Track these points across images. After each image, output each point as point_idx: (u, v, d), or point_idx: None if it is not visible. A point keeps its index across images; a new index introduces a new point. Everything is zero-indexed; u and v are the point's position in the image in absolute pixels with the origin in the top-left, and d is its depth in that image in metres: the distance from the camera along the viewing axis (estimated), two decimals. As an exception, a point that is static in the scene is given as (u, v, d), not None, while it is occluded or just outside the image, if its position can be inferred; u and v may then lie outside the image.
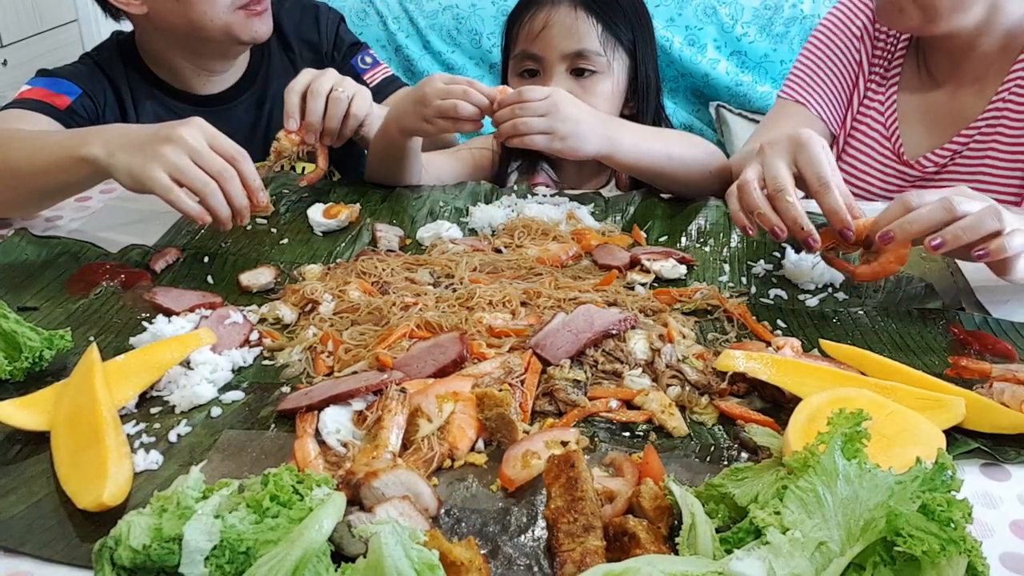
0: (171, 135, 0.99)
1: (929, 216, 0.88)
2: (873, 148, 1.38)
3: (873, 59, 1.40)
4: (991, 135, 1.28)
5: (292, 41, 1.57)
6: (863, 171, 1.40)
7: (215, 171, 1.00)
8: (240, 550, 0.54)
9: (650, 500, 0.62)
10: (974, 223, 0.87)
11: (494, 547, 0.62)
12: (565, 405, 0.77)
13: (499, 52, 2.05)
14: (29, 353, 0.81)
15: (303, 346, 0.88)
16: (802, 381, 0.76)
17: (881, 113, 1.38)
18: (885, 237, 0.90)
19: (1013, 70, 1.25)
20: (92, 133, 1.06)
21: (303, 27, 1.58)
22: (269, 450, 0.73)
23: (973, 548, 0.51)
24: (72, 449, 0.70)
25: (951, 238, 0.87)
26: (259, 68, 1.54)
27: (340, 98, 1.22)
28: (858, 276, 0.97)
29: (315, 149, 1.25)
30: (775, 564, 0.52)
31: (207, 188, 0.99)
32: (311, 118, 1.21)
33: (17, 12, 2.48)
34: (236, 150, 1.03)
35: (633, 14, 1.38)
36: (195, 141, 1.00)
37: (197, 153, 0.99)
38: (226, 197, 1.01)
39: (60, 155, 1.06)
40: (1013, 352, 0.87)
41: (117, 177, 1.02)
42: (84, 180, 1.09)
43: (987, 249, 0.87)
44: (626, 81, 1.39)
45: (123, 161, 1.00)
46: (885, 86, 1.38)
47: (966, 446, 0.72)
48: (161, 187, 0.98)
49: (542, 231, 1.14)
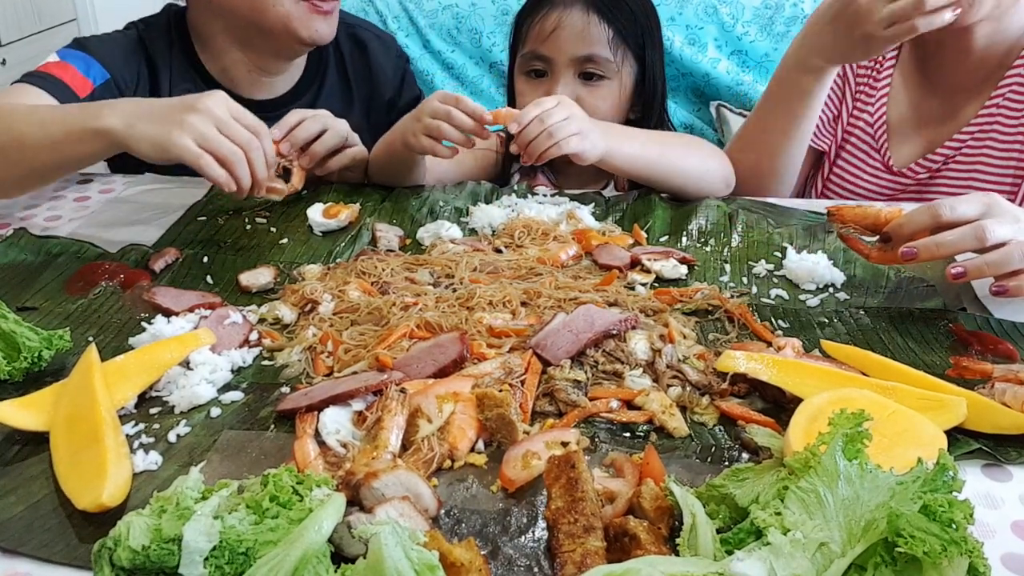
0: (195, 105, 1.02)
1: (958, 243, 0.88)
2: (863, 160, 1.39)
3: (859, 73, 1.40)
4: (984, 139, 1.28)
5: (351, 71, 1.52)
6: (854, 183, 1.40)
7: (242, 142, 1.03)
8: (240, 551, 0.53)
9: (651, 501, 0.61)
10: (1000, 260, 0.87)
11: (494, 548, 0.62)
12: (565, 405, 0.77)
13: (499, 52, 2.05)
14: (28, 353, 0.81)
15: (303, 346, 0.88)
16: (803, 381, 0.76)
17: (870, 124, 1.38)
18: (908, 254, 0.90)
19: (1009, 75, 1.25)
20: (106, 106, 1.06)
21: (374, 60, 1.53)
22: (269, 451, 0.73)
23: (974, 549, 0.51)
24: (71, 449, 0.70)
25: (974, 270, 0.88)
26: (310, 86, 1.49)
27: (339, 132, 1.25)
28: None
29: (291, 165, 1.25)
30: (776, 565, 0.52)
31: (234, 157, 1.02)
32: (298, 134, 1.21)
33: (16, 11, 2.48)
34: (258, 124, 1.06)
35: (644, 20, 1.37)
36: (221, 112, 1.02)
37: (223, 123, 1.02)
38: (249, 167, 1.04)
39: (73, 127, 1.06)
40: (1015, 352, 0.86)
41: (137, 147, 1.02)
42: (95, 154, 1.08)
43: (1006, 287, 0.88)
44: (632, 87, 1.38)
45: (145, 131, 1.01)
46: (874, 97, 1.38)
47: (967, 447, 0.72)
48: (191, 154, 1.00)
49: (542, 231, 1.13)
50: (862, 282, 1.02)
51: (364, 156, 1.32)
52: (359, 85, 1.54)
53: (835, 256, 1.06)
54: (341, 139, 1.26)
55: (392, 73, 1.57)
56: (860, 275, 1.04)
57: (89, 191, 1.33)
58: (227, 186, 1.03)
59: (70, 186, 1.35)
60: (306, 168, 1.26)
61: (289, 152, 1.22)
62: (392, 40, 1.64)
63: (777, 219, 1.19)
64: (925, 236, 0.90)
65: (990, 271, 0.88)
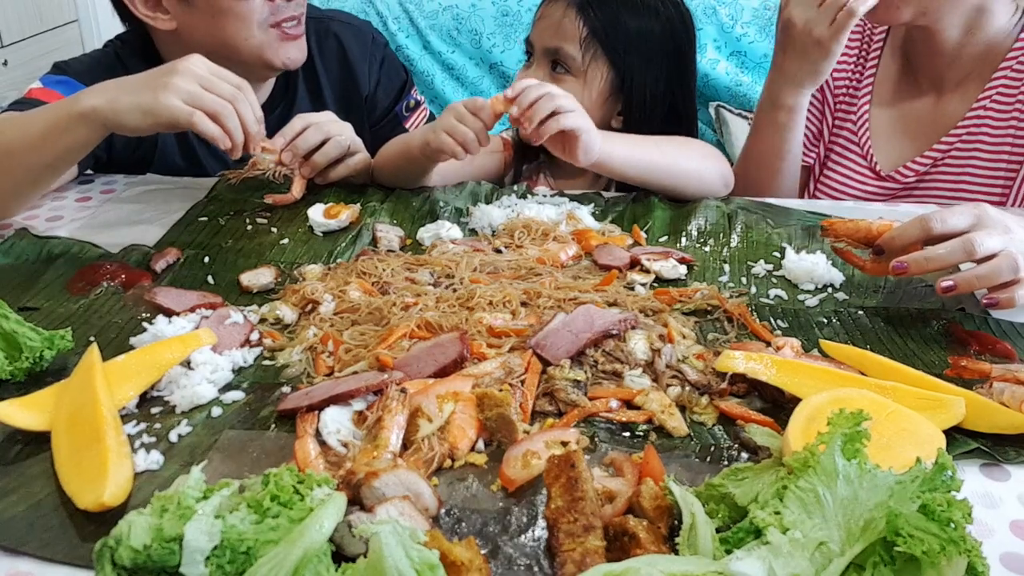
0: (175, 68, 1.03)
1: (948, 256, 0.88)
2: (850, 167, 1.40)
3: (837, 86, 1.41)
4: (972, 142, 1.28)
5: (322, 71, 1.50)
6: (842, 190, 1.41)
7: (228, 95, 1.04)
8: (241, 550, 0.54)
9: (650, 500, 0.62)
10: (990, 273, 0.87)
11: (494, 547, 0.62)
12: (565, 405, 0.77)
13: (499, 52, 2.06)
14: (29, 353, 0.81)
15: (303, 346, 0.88)
16: (802, 381, 0.76)
17: (854, 132, 1.39)
18: (899, 268, 0.90)
19: (995, 77, 1.26)
20: (84, 92, 1.07)
21: (349, 53, 1.50)
22: (269, 450, 0.73)
23: (973, 548, 0.51)
24: (73, 449, 0.70)
25: (964, 284, 0.88)
26: (280, 101, 1.48)
27: (341, 143, 1.24)
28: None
29: (291, 174, 1.25)
30: (775, 564, 0.52)
31: (224, 110, 1.03)
32: (300, 143, 1.22)
33: (17, 12, 2.48)
34: (239, 79, 1.07)
35: (641, 31, 1.33)
36: (201, 70, 1.03)
37: (206, 80, 1.03)
38: (240, 121, 1.05)
39: (56, 119, 1.05)
40: (1013, 352, 0.87)
41: (125, 121, 1.02)
42: (84, 141, 1.08)
43: (997, 299, 0.88)
44: (607, 93, 1.35)
45: (130, 102, 1.02)
46: (856, 105, 1.39)
47: (966, 446, 0.72)
48: (183, 112, 1.01)
49: (542, 231, 1.14)
50: (861, 282, 1.02)
51: (367, 163, 1.32)
52: (333, 85, 1.52)
53: (834, 256, 1.06)
54: (343, 150, 1.26)
55: (369, 64, 1.54)
56: (859, 275, 1.04)
57: (90, 191, 1.34)
58: (222, 142, 1.03)
59: (71, 186, 1.35)
60: (307, 177, 1.27)
61: (291, 161, 1.22)
62: (367, 26, 1.60)
63: (776, 219, 1.19)
64: (917, 248, 0.91)
65: (980, 284, 0.88)
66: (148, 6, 1.30)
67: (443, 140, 1.16)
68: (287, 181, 1.26)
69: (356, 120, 1.34)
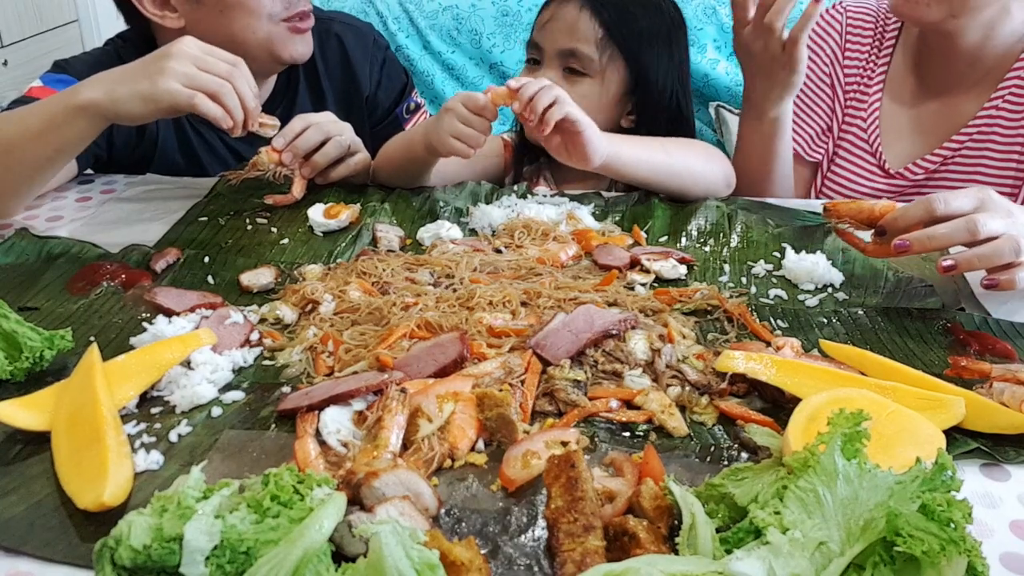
0: (169, 52, 1.02)
1: (950, 235, 0.88)
2: (858, 164, 1.39)
3: (848, 83, 1.40)
4: (984, 141, 1.28)
5: (324, 71, 1.50)
6: (849, 187, 1.41)
7: (224, 73, 1.04)
8: (241, 550, 0.54)
9: (650, 500, 0.62)
10: (991, 253, 0.87)
11: (494, 547, 0.62)
12: (565, 405, 0.77)
13: (499, 53, 2.05)
14: (30, 353, 0.81)
15: (303, 346, 0.88)
16: (802, 381, 0.76)
17: (864, 129, 1.39)
18: (901, 246, 0.90)
19: (1008, 76, 1.25)
20: (81, 84, 1.06)
21: (351, 54, 1.51)
22: (269, 450, 0.73)
23: (973, 548, 0.51)
24: (73, 449, 0.70)
25: (964, 263, 0.89)
26: (281, 101, 1.48)
27: (341, 143, 1.25)
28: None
29: (292, 174, 1.25)
30: (775, 564, 0.52)
31: (223, 88, 1.03)
32: (300, 144, 1.22)
33: (17, 12, 2.48)
34: (233, 56, 1.07)
35: (650, 29, 1.33)
36: (195, 51, 1.03)
37: (201, 60, 1.03)
38: (239, 97, 1.05)
39: (53, 112, 1.05)
40: (1013, 352, 0.87)
41: (124, 110, 1.02)
42: (82, 135, 1.08)
43: (997, 280, 0.89)
44: (621, 93, 1.36)
45: (128, 91, 1.02)
46: (866, 102, 1.39)
47: (966, 446, 0.72)
48: (183, 95, 1.01)
49: (542, 231, 1.14)
50: (861, 282, 1.03)
51: (367, 163, 1.32)
52: (334, 85, 1.52)
53: (834, 256, 1.06)
54: (343, 150, 1.26)
55: (370, 66, 1.55)
56: (859, 275, 1.04)
57: (90, 191, 1.34)
58: (224, 121, 1.04)
59: (71, 186, 1.35)
60: (307, 177, 1.27)
61: (291, 161, 1.23)
62: (368, 28, 1.60)
63: (776, 219, 1.19)
64: (919, 229, 0.91)
65: (981, 264, 0.88)
66: (156, 5, 1.31)
67: (450, 144, 1.16)
68: (287, 181, 1.26)
69: (356, 121, 1.34)
